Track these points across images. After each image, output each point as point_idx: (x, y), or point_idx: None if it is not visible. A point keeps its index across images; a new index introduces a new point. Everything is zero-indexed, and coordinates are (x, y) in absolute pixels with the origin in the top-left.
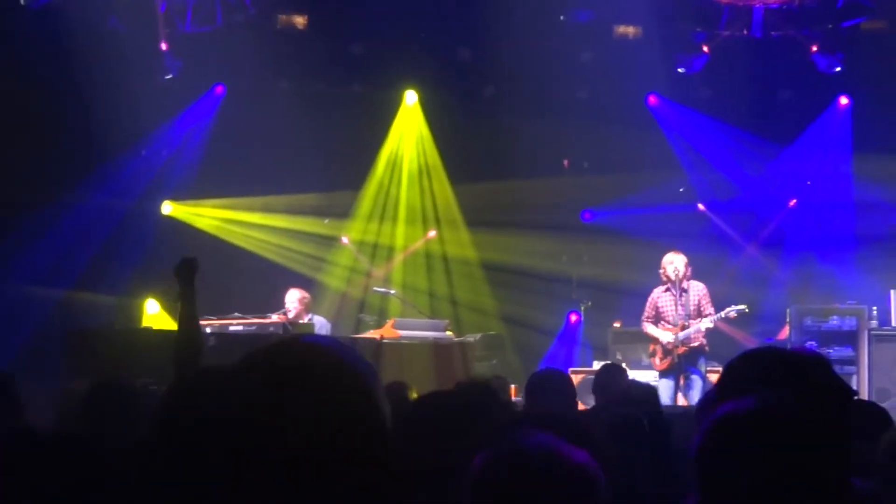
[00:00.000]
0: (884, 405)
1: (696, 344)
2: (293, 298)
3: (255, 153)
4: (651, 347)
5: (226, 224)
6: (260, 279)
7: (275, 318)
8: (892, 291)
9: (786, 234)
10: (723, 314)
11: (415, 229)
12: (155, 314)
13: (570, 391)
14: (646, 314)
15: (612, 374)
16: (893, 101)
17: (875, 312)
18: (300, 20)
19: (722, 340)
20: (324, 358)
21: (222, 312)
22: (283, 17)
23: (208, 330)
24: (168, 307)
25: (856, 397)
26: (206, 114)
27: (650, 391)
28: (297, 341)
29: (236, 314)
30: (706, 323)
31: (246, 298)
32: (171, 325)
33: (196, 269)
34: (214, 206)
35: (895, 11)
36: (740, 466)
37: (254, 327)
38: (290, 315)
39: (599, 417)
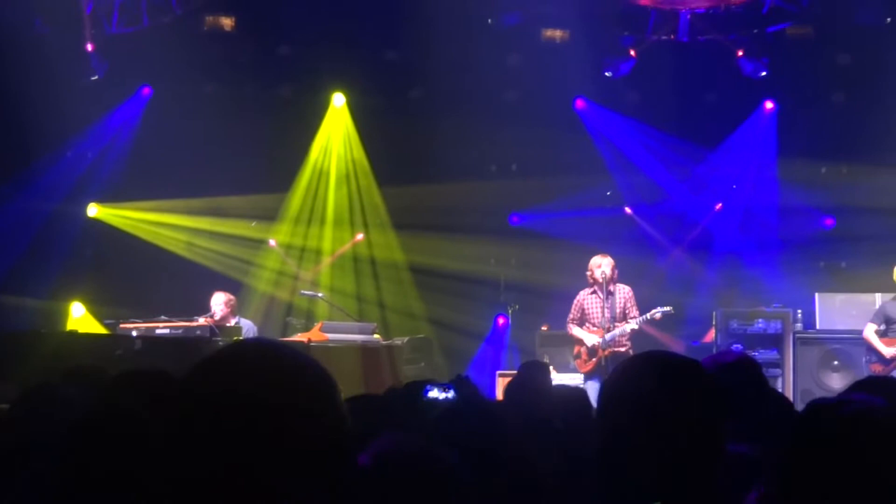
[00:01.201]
0: None
1: (621, 347)
2: (219, 301)
3: (181, 155)
4: (576, 349)
5: (152, 226)
6: (186, 282)
7: (201, 321)
8: (816, 295)
9: (712, 238)
10: (648, 316)
11: (342, 232)
12: (80, 317)
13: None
14: (571, 315)
15: (534, 371)
16: (818, 106)
17: (800, 315)
18: (227, 22)
19: (649, 343)
20: (288, 357)
21: (148, 315)
22: (210, 19)
23: (134, 333)
24: (93, 310)
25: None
26: (133, 115)
27: (576, 394)
28: (258, 343)
29: (162, 317)
30: (631, 325)
31: (172, 301)
32: (96, 327)
33: None
34: (141, 209)
35: (820, 17)
36: None
37: (180, 330)
38: (217, 318)
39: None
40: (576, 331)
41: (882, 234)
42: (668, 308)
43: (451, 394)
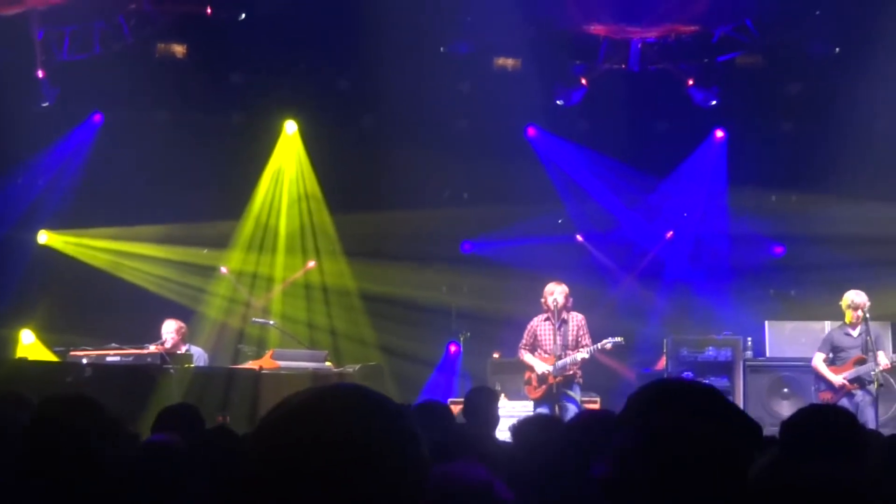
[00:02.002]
0: None
1: (571, 374)
2: (170, 329)
3: (133, 182)
4: (526, 375)
5: (103, 254)
6: (137, 309)
7: (152, 348)
8: (766, 323)
9: (663, 266)
10: (599, 346)
11: (294, 259)
12: (30, 344)
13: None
14: (523, 341)
15: (482, 398)
16: (767, 135)
17: (750, 343)
18: (179, 49)
19: (599, 371)
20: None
21: (99, 343)
22: (161, 46)
23: (84, 360)
24: (43, 337)
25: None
26: (84, 142)
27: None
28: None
29: (113, 345)
30: (582, 354)
31: (123, 329)
32: (46, 355)
33: None
34: (92, 236)
35: (770, 46)
36: None
37: (131, 358)
38: (168, 345)
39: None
40: (527, 357)
41: (831, 262)
42: (619, 339)
43: None
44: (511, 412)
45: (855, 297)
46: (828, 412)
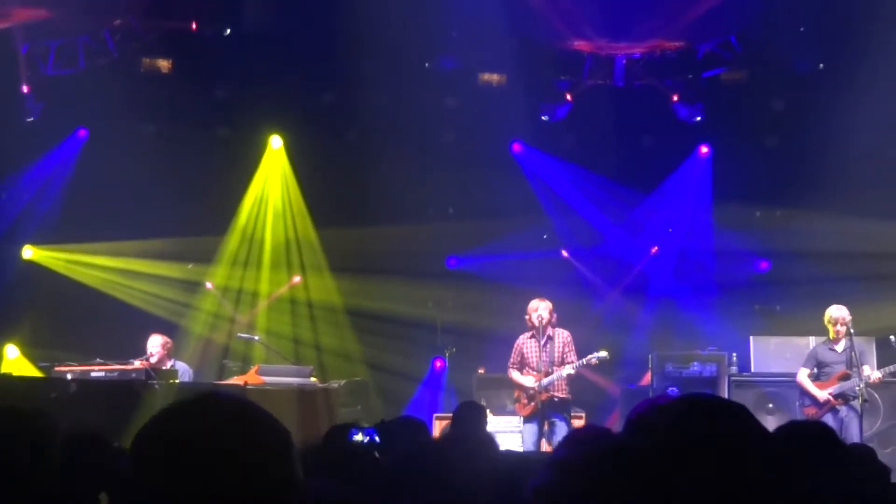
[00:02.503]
0: None
1: (559, 391)
2: (155, 344)
3: (118, 197)
4: (515, 393)
5: (88, 269)
6: (122, 324)
7: (137, 363)
8: (751, 338)
9: (648, 281)
10: (584, 361)
11: (279, 274)
12: (14, 359)
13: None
14: (511, 360)
15: (470, 412)
16: (752, 151)
17: (735, 358)
18: (164, 64)
19: (585, 386)
20: (253, 413)
21: (84, 358)
22: (147, 61)
23: (69, 376)
24: (28, 353)
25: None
26: (69, 157)
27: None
28: (229, 397)
29: (98, 360)
30: (568, 370)
31: (108, 344)
32: (31, 370)
33: None
34: (77, 251)
35: (754, 62)
36: None
37: (116, 373)
38: (153, 361)
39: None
40: (515, 375)
41: (816, 277)
42: (603, 354)
43: (373, 438)
44: (496, 428)
45: (834, 312)
46: (807, 428)
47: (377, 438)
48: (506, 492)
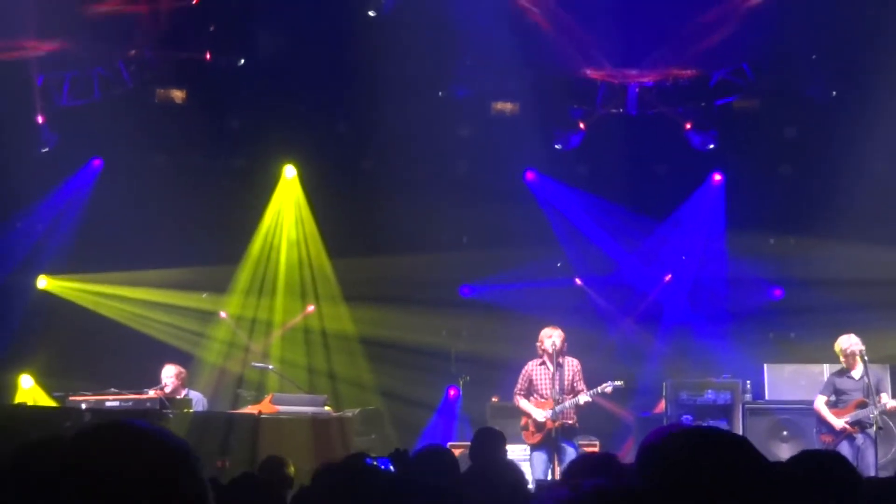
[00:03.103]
0: None
1: (569, 421)
2: (169, 374)
3: (132, 227)
4: (523, 421)
5: (102, 298)
6: (137, 354)
7: (151, 393)
8: (765, 365)
9: (662, 309)
10: (599, 389)
11: (293, 304)
12: (29, 389)
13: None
14: (518, 386)
15: (488, 439)
16: (765, 178)
17: (749, 386)
18: (178, 94)
19: (599, 414)
20: (142, 433)
21: (98, 388)
22: (161, 92)
23: (83, 405)
24: (42, 382)
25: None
26: (84, 187)
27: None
28: (114, 422)
29: (112, 389)
30: (584, 397)
31: (122, 373)
32: (45, 400)
33: None
34: (91, 281)
35: (767, 90)
36: None
37: (130, 403)
38: (167, 390)
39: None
40: (523, 403)
41: (830, 304)
42: (619, 382)
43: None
44: (510, 456)
45: (843, 343)
46: (822, 457)
47: (392, 468)
48: None
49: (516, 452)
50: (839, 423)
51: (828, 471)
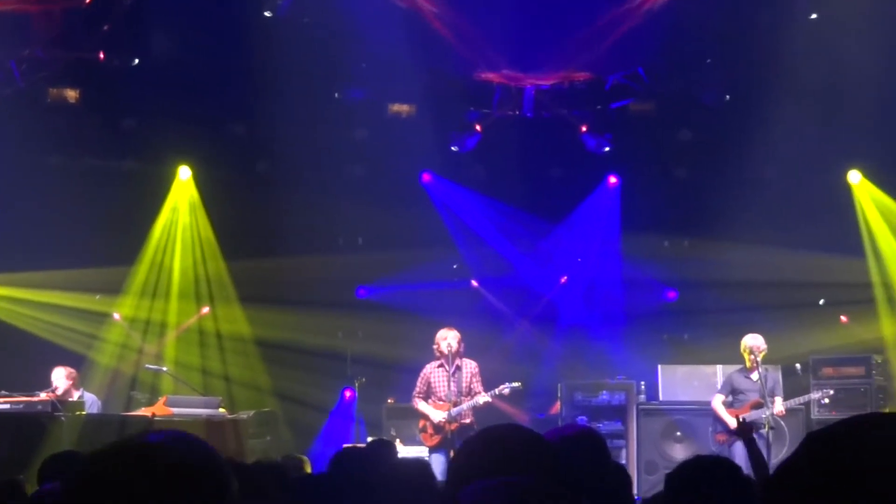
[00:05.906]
0: (651, 478)
1: (466, 420)
2: (60, 375)
3: (23, 228)
4: (421, 423)
5: None
6: (28, 356)
7: (43, 395)
8: (659, 366)
9: (557, 311)
10: (497, 391)
11: (188, 305)
12: None
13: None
14: (417, 389)
15: (379, 450)
16: (660, 181)
17: (643, 387)
18: (72, 94)
19: (496, 415)
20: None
21: None
22: (53, 91)
23: None
24: None
25: None
26: None
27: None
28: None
29: (2, 392)
30: (484, 397)
31: (12, 376)
32: None
33: None
34: None
35: (662, 94)
36: None
37: (21, 405)
38: (59, 392)
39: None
40: (421, 405)
41: (723, 307)
42: (516, 383)
43: None
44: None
45: (749, 341)
46: (711, 462)
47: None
48: None
49: (412, 455)
50: (734, 422)
51: (716, 474)
